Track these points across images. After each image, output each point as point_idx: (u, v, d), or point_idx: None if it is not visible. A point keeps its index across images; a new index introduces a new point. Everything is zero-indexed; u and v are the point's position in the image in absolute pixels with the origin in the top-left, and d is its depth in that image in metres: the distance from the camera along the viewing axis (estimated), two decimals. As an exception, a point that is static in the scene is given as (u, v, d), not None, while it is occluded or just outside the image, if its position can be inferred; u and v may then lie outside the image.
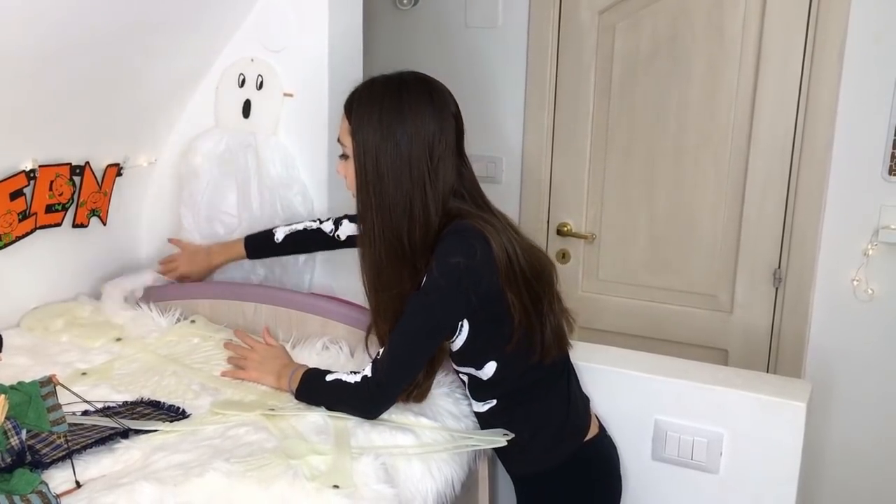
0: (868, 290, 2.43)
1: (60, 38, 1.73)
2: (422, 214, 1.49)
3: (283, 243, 2.03)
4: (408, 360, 1.54)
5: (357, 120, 1.51)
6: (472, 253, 1.45)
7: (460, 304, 1.50)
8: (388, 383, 1.54)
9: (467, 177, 1.59)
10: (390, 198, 1.49)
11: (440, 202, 1.50)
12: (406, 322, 1.51)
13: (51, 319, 2.02)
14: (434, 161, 1.49)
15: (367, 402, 1.55)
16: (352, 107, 1.53)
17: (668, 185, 2.71)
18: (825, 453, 2.54)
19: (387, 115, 1.48)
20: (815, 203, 2.48)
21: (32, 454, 1.35)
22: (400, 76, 1.54)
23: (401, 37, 3.04)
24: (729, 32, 2.55)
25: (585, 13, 2.75)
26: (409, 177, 1.48)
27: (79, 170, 2.06)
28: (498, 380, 1.59)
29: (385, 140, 1.47)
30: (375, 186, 1.49)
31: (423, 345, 1.54)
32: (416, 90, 1.51)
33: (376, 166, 1.48)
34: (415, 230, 1.50)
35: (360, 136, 1.50)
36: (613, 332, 2.80)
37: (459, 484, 1.58)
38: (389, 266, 1.53)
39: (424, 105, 1.49)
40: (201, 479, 1.33)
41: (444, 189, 1.51)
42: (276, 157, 2.14)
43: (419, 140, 1.48)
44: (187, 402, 1.67)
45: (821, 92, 2.44)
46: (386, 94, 1.50)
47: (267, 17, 2.12)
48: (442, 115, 1.51)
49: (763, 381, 1.79)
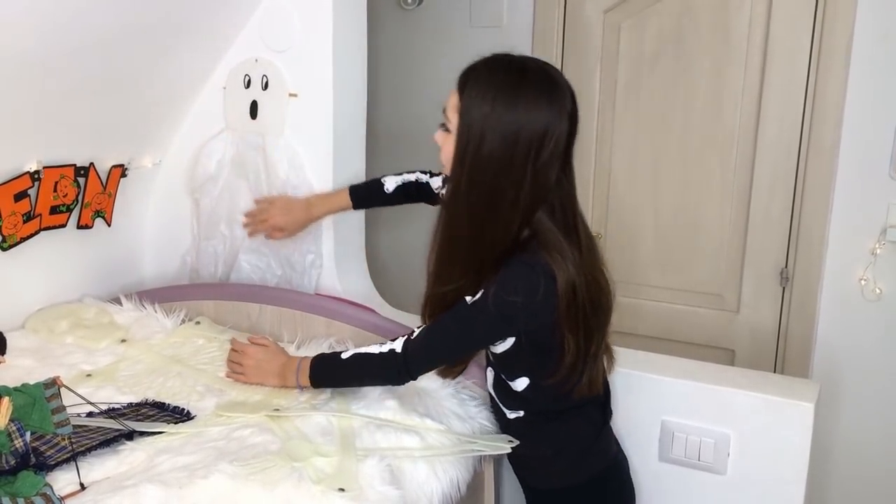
0: (875, 290, 2.42)
1: (64, 40, 1.73)
2: (507, 212, 1.38)
3: (393, 193, 1.99)
4: (440, 355, 1.55)
5: (468, 97, 1.39)
6: (534, 291, 1.38)
7: (507, 332, 1.46)
8: (415, 368, 1.54)
9: (565, 188, 1.45)
10: (483, 186, 1.38)
11: (529, 207, 1.39)
12: (449, 322, 1.47)
13: (55, 321, 2.02)
14: (538, 160, 1.37)
15: (395, 373, 1.55)
16: (466, 82, 1.41)
17: (674, 184, 2.70)
18: (833, 453, 2.53)
19: (500, 100, 1.36)
20: (822, 202, 2.47)
21: (37, 456, 1.35)
22: (523, 61, 1.41)
23: (405, 36, 3.03)
24: (735, 32, 2.54)
25: (590, 12, 2.74)
26: (508, 169, 1.36)
27: (83, 171, 2.06)
28: (527, 396, 1.55)
29: (492, 121, 1.36)
30: (471, 170, 1.38)
31: (459, 348, 1.54)
32: (537, 80, 1.39)
33: (477, 150, 1.37)
34: (495, 227, 1.39)
35: (467, 115, 1.39)
36: (620, 333, 2.77)
37: (465, 486, 1.57)
38: (459, 257, 1.44)
39: (542, 97, 1.37)
40: (206, 482, 1.33)
41: (539, 194, 1.39)
42: (284, 158, 2.14)
43: (527, 133, 1.35)
44: (192, 403, 1.67)
45: (827, 91, 2.42)
46: (503, 77, 1.38)
47: (271, 18, 2.12)
48: (558, 112, 1.38)
49: (770, 381, 1.78)
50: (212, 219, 2.28)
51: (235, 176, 2.23)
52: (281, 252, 2.19)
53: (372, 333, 1.92)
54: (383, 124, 3.09)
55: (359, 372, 1.57)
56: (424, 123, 3.03)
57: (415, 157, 3.10)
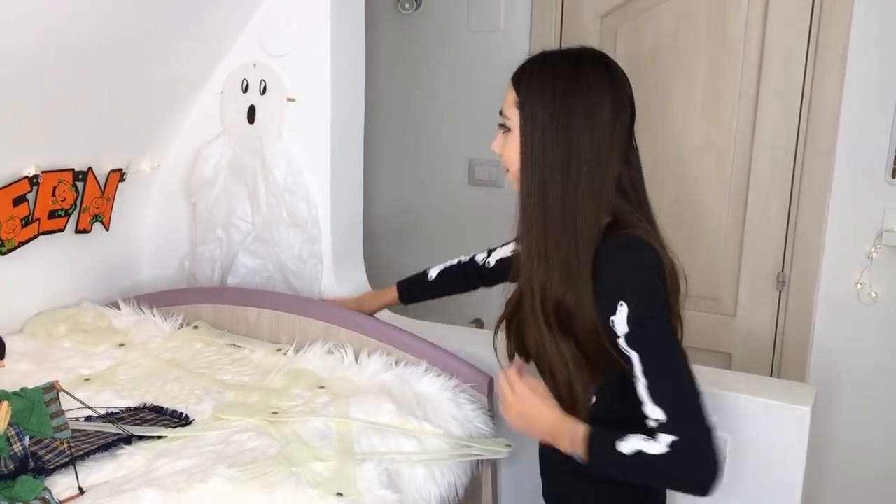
0: (872, 293, 2.43)
1: (63, 44, 1.74)
2: (589, 202, 1.31)
3: (436, 280, 1.95)
4: (690, 380, 1.27)
5: (527, 91, 1.34)
6: (653, 261, 1.31)
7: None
8: (695, 425, 1.23)
9: (635, 166, 1.41)
10: (555, 182, 1.32)
11: (608, 194, 1.33)
12: (652, 346, 1.28)
13: (54, 325, 2.02)
14: (606, 146, 1.32)
15: (688, 465, 1.22)
16: (521, 77, 1.37)
17: (671, 187, 2.70)
18: (829, 456, 2.53)
19: (561, 90, 1.31)
20: (819, 206, 2.47)
21: (35, 460, 1.35)
22: (577, 51, 1.37)
23: (403, 41, 3.04)
24: (731, 35, 2.54)
25: (587, 17, 2.75)
26: (578, 160, 1.31)
27: (81, 175, 2.06)
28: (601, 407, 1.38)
29: (556, 116, 1.31)
30: (542, 164, 1.33)
31: (682, 352, 1.32)
32: (595, 67, 1.34)
33: (543, 143, 1.32)
34: (580, 220, 1.31)
35: (528, 108, 1.34)
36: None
37: (462, 490, 1.57)
38: (551, 259, 1.33)
39: (603, 84, 1.33)
40: (204, 486, 1.33)
41: (612, 179, 1.34)
42: (282, 163, 2.14)
43: (594, 120, 1.31)
44: (190, 407, 1.67)
45: (824, 95, 2.43)
46: (561, 68, 1.34)
47: (269, 22, 2.12)
48: (620, 96, 1.35)
49: (767, 385, 1.79)
50: (209, 223, 2.28)
51: (232, 180, 2.24)
52: (280, 257, 2.19)
53: (369, 337, 1.92)
54: (381, 129, 3.10)
55: (648, 478, 1.30)
56: (423, 127, 3.06)
57: (413, 162, 3.12)
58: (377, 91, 3.02)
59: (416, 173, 3.13)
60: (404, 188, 3.15)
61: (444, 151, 3.04)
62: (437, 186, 3.08)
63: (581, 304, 1.31)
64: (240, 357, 1.93)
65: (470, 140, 2.97)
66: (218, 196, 2.26)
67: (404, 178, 3.15)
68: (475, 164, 2.99)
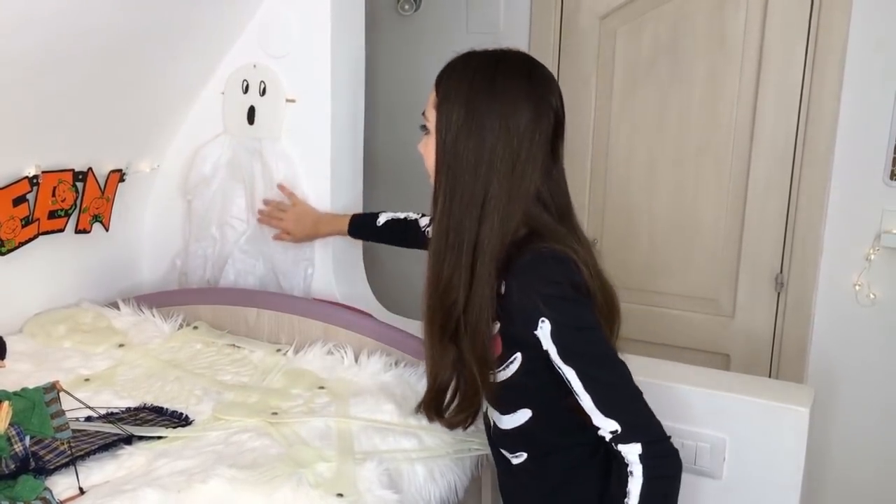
0: (870, 295, 2.43)
1: (63, 45, 1.74)
2: (496, 212, 1.28)
3: (382, 227, 1.97)
4: (630, 383, 1.27)
5: (444, 92, 1.32)
6: (571, 273, 1.25)
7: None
8: (650, 426, 1.26)
9: (557, 181, 1.36)
10: (465, 185, 1.29)
11: (521, 204, 1.29)
12: (586, 358, 1.25)
13: (53, 325, 2.02)
14: (521, 154, 1.28)
15: (667, 466, 1.26)
16: (443, 77, 1.35)
17: (669, 189, 2.71)
18: (828, 458, 2.54)
19: (476, 92, 1.28)
20: (817, 208, 2.48)
21: (36, 460, 1.35)
22: (502, 52, 1.34)
23: (403, 42, 3.04)
24: (730, 38, 2.55)
25: (586, 19, 2.76)
26: (490, 165, 1.27)
27: (81, 175, 2.06)
28: (531, 431, 1.38)
29: (470, 119, 1.28)
30: (452, 168, 1.30)
31: (615, 356, 1.28)
32: (514, 70, 1.31)
33: (455, 146, 1.29)
34: (485, 227, 1.28)
35: (444, 109, 1.31)
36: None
37: (463, 489, 1.58)
38: (450, 265, 1.31)
39: (521, 86, 1.29)
40: (205, 486, 1.33)
41: (528, 189, 1.29)
42: (281, 164, 2.14)
43: (507, 126, 1.27)
44: (190, 407, 1.67)
45: (822, 97, 2.44)
46: (479, 69, 1.30)
47: (269, 23, 2.13)
48: (540, 103, 1.30)
49: (766, 386, 1.80)
50: (203, 221, 2.27)
51: (230, 179, 2.24)
52: (274, 257, 2.20)
53: (369, 338, 1.92)
54: (381, 130, 3.10)
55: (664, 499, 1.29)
56: (421, 129, 3.06)
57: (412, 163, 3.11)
58: (376, 92, 3.02)
59: (414, 174, 3.11)
60: (403, 188, 3.15)
61: (443, 153, 3.04)
62: (436, 187, 3.08)
63: (475, 315, 1.29)
64: (239, 357, 1.93)
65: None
66: (214, 194, 2.25)
67: (403, 179, 3.15)
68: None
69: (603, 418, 1.24)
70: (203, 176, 2.25)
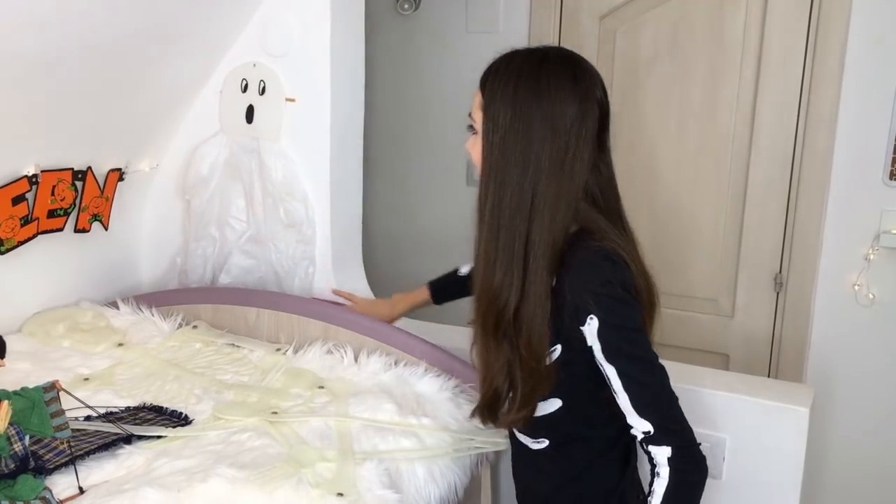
0: (869, 295, 2.43)
1: (62, 44, 1.73)
2: (546, 210, 1.28)
3: (469, 277, 1.80)
4: (668, 388, 1.28)
5: (490, 93, 1.32)
6: (622, 274, 1.28)
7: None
8: (682, 431, 1.27)
9: (605, 174, 1.39)
10: (514, 185, 1.29)
11: (570, 201, 1.30)
12: (628, 358, 1.27)
13: (52, 324, 2.02)
14: (569, 151, 1.28)
15: (693, 471, 1.27)
16: (487, 79, 1.34)
17: (669, 189, 2.71)
18: (827, 457, 2.54)
19: (521, 93, 1.28)
20: (816, 208, 2.48)
21: (36, 460, 1.35)
22: (544, 50, 1.34)
23: (402, 42, 3.04)
24: (730, 37, 2.55)
25: (586, 19, 2.76)
26: (538, 164, 1.28)
27: (81, 175, 2.06)
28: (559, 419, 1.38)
29: (517, 118, 1.28)
30: (500, 169, 1.30)
31: (657, 360, 1.29)
32: (558, 67, 1.30)
33: (502, 147, 1.30)
34: (536, 226, 1.28)
35: (490, 110, 1.31)
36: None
37: (462, 489, 1.58)
38: (502, 265, 1.30)
39: (565, 84, 1.29)
40: (204, 485, 1.33)
41: (576, 186, 1.30)
42: (279, 163, 2.14)
43: (554, 125, 1.27)
44: (189, 407, 1.67)
45: (821, 97, 2.44)
46: (523, 70, 1.30)
47: (269, 23, 2.13)
48: (585, 98, 1.30)
49: (765, 386, 1.80)
50: (203, 220, 2.28)
51: (228, 178, 2.24)
52: (273, 257, 2.19)
53: (369, 338, 1.92)
54: (380, 129, 3.10)
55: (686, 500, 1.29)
56: (422, 128, 3.07)
57: (411, 162, 3.12)
58: (376, 92, 3.02)
59: (414, 174, 3.13)
60: (403, 188, 3.16)
61: (442, 152, 3.04)
62: (435, 187, 3.08)
63: (529, 314, 1.28)
64: (239, 357, 1.93)
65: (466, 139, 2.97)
66: (213, 194, 2.26)
67: (403, 179, 3.15)
68: (473, 165, 2.99)
69: (637, 418, 1.26)
70: (201, 176, 2.25)
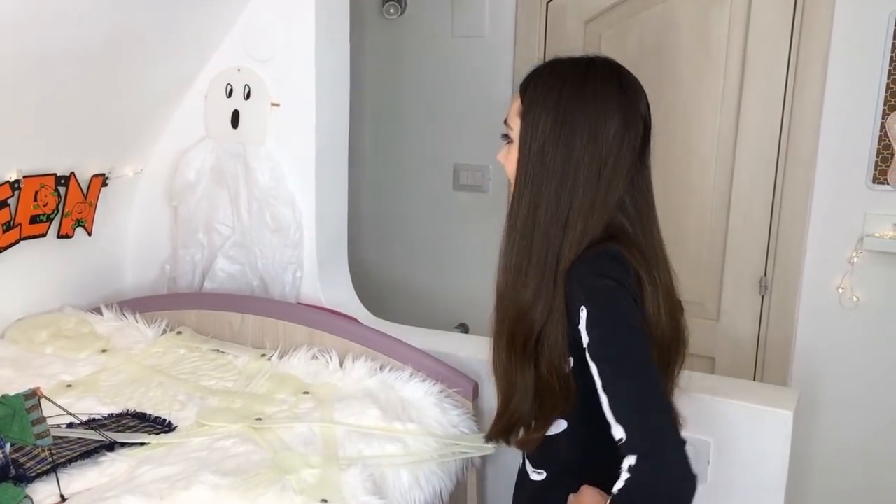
0: (853, 298, 2.45)
1: (45, 49, 1.73)
2: (579, 223, 1.24)
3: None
4: (652, 391, 1.15)
5: (531, 99, 1.27)
6: (623, 271, 1.22)
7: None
8: (658, 444, 1.11)
9: (641, 189, 1.32)
10: (550, 195, 1.24)
11: (604, 214, 1.25)
12: (612, 355, 1.17)
13: (35, 331, 2.01)
14: (609, 163, 1.24)
15: (641, 487, 1.09)
16: (528, 84, 1.29)
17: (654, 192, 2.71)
18: (812, 460, 2.55)
19: (566, 100, 1.24)
20: (801, 211, 2.49)
21: (16, 468, 1.34)
22: (589, 59, 1.29)
23: (388, 46, 3.04)
24: (714, 42, 2.56)
25: (571, 23, 2.76)
26: (576, 175, 1.23)
27: (64, 180, 2.05)
28: (563, 444, 1.32)
29: (559, 126, 1.23)
30: (537, 178, 1.25)
31: (647, 361, 1.17)
32: (605, 77, 1.26)
33: (541, 155, 1.24)
34: (567, 238, 1.24)
35: (531, 116, 1.26)
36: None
37: (448, 495, 1.57)
38: (534, 279, 1.25)
39: (611, 93, 1.25)
40: (188, 493, 1.33)
41: (612, 199, 1.26)
42: (265, 167, 2.14)
43: (596, 135, 1.23)
44: (173, 413, 1.67)
45: (805, 100, 2.45)
46: (569, 76, 1.25)
47: (253, 27, 2.12)
48: (631, 110, 1.26)
49: (750, 389, 1.80)
50: (190, 227, 2.27)
51: (215, 184, 2.23)
52: (259, 262, 2.19)
53: (354, 343, 1.92)
54: (366, 134, 3.10)
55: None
56: (407, 132, 3.07)
57: (398, 166, 3.12)
58: (362, 96, 3.02)
59: (400, 178, 3.13)
60: (389, 193, 3.15)
61: (428, 156, 3.04)
62: (421, 191, 3.08)
63: (549, 326, 1.24)
64: (224, 363, 1.92)
65: (454, 145, 2.98)
66: (200, 200, 2.25)
67: (389, 183, 3.15)
68: (460, 169, 3.00)
69: (614, 423, 1.13)
70: (188, 181, 2.25)
